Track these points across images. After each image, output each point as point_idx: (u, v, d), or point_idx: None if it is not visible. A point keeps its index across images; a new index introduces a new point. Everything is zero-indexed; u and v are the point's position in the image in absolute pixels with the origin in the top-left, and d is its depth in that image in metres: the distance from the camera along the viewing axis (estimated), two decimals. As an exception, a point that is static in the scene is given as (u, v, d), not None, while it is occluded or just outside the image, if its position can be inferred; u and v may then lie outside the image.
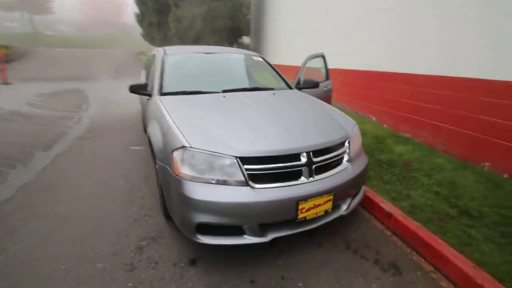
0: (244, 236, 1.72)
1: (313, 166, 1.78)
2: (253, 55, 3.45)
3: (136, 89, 2.74)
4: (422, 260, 1.93)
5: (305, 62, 3.64)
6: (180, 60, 3.02)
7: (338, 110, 2.56)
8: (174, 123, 1.94)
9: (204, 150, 1.70)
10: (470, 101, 3.22)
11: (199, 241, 1.72)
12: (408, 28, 4.13)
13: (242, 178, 1.65)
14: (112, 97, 7.84)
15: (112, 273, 1.77)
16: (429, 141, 3.76)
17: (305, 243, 2.05)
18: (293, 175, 1.75)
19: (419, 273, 1.82)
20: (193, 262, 1.88)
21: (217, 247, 1.94)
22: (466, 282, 1.65)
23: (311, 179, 1.76)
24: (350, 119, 2.35)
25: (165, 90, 2.61)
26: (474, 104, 3.18)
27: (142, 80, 4.40)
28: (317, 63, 4.01)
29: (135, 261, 1.87)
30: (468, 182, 2.78)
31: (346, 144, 2.03)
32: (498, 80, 2.94)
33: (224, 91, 2.65)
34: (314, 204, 1.75)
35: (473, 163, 3.14)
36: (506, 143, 2.86)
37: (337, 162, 1.95)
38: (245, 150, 1.70)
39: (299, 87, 3.18)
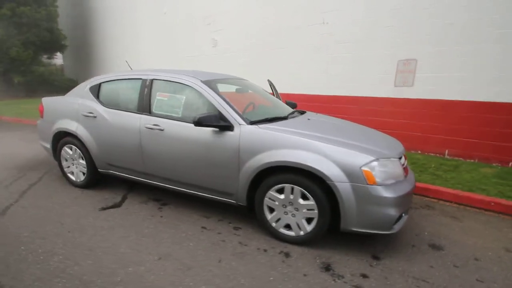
0: (403, 216, 2.32)
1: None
2: (248, 81, 3.65)
3: (208, 121, 2.32)
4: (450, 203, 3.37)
5: (274, 87, 4.29)
6: (219, 87, 2.75)
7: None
8: (335, 146, 2.14)
9: (388, 157, 2.15)
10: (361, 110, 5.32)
11: (394, 231, 2.13)
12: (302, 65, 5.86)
13: (402, 173, 2.26)
14: None
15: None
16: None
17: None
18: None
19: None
20: (376, 258, 2.20)
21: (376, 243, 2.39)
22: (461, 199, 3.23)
23: None
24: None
25: (250, 119, 2.44)
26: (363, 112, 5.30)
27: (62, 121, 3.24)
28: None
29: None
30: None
31: None
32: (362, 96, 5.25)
33: (291, 115, 2.88)
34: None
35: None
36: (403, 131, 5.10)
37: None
38: (397, 152, 2.32)
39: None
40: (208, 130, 2.46)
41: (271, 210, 2.39)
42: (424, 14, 4.43)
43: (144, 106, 2.80)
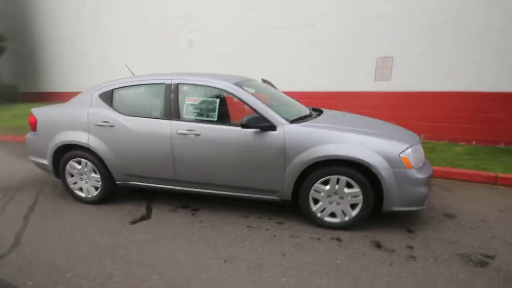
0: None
1: None
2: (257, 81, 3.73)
3: (254, 123, 2.42)
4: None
5: (272, 85, 4.44)
6: (251, 89, 2.79)
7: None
8: (374, 137, 2.40)
9: (416, 144, 2.47)
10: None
11: (424, 206, 2.47)
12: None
13: (424, 157, 2.62)
14: None
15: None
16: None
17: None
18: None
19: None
20: (410, 231, 2.52)
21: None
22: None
23: None
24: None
25: (290, 118, 2.57)
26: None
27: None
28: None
29: (396, 260, 2.19)
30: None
31: None
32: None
33: (315, 112, 3.07)
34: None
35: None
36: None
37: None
38: (418, 140, 2.68)
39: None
40: (249, 131, 2.51)
41: (315, 201, 2.56)
42: (401, 17, 5.01)
43: (173, 112, 2.71)
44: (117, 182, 2.99)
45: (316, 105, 5.92)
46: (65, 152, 3.02)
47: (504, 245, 2.31)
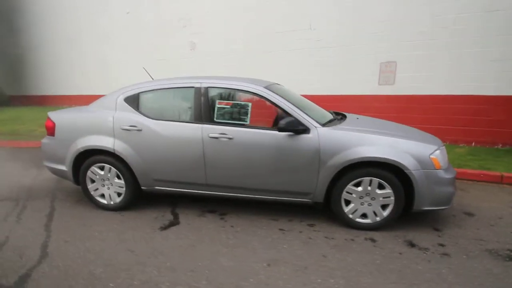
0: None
1: None
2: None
3: (291, 127, 2.48)
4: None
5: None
6: (279, 92, 2.82)
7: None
8: (404, 139, 2.50)
9: (442, 145, 2.59)
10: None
11: (451, 205, 2.59)
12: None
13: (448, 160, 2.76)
14: None
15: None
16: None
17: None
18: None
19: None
20: (437, 230, 2.63)
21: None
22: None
23: None
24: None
25: (320, 121, 2.62)
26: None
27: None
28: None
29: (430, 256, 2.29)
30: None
31: None
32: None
33: (338, 115, 3.13)
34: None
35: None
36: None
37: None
38: (441, 142, 2.79)
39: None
40: (283, 134, 2.55)
41: (347, 202, 2.62)
42: (401, 23, 5.22)
43: (204, 116, 2.70)
44: (142, 188, 2.93)
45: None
46: (86, 158, 2.93)
47: (526, 240, 2.48)
